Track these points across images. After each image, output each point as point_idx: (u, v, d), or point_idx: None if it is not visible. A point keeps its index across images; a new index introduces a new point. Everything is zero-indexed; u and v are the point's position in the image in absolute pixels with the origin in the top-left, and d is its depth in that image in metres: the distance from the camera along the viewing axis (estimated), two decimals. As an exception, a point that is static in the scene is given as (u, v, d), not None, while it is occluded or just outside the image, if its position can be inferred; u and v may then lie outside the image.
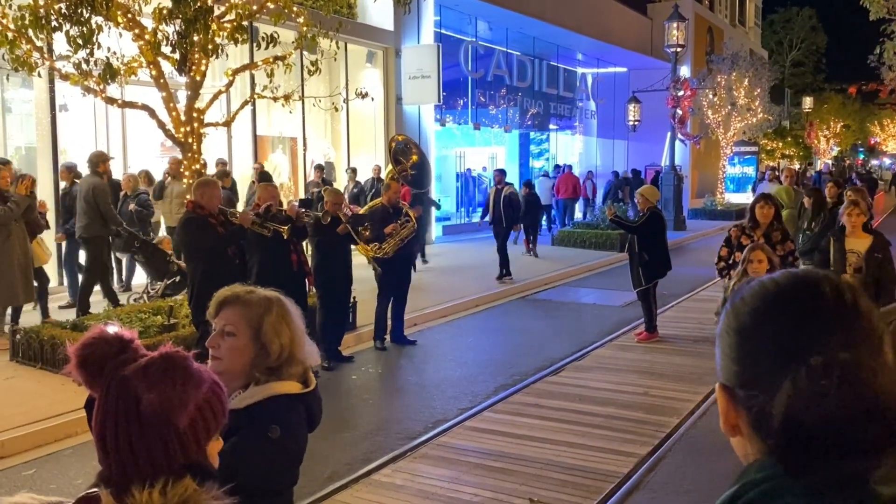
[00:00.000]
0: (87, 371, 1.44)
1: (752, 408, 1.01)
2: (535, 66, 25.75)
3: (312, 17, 8.94)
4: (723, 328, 1.07)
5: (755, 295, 1.05)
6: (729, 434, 1.06)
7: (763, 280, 1.06)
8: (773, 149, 44.11)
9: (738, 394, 1.03)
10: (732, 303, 1.08)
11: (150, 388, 1.38)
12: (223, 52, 8.22)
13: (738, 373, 1.03)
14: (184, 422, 1.41)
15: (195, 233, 6.65)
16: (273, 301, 2.23)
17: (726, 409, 1.05)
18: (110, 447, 1.41)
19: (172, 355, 1.43)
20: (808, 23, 62.29)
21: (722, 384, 1.06)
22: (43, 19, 7.26)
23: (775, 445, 0.97)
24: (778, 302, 1.02)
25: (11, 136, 12.32)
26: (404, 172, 10.52)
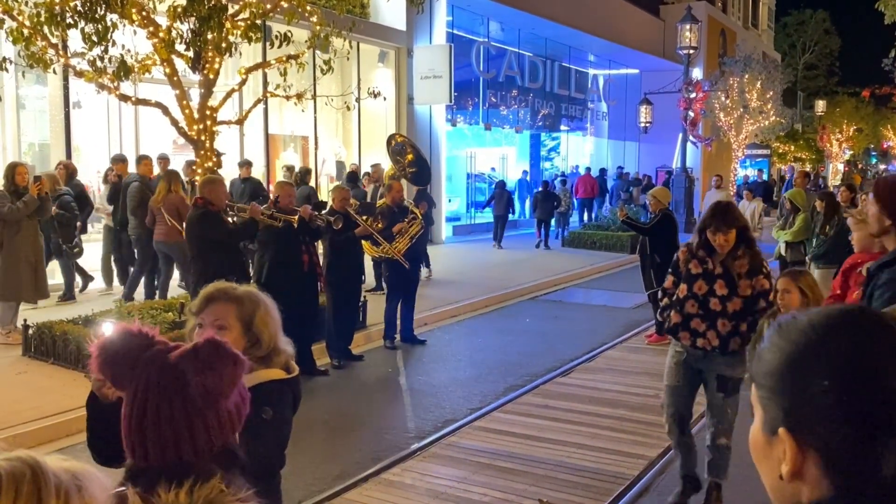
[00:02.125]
0: (118, 366, 1.47)
1: (829, 453, 0.95)
2: (547, 67, 25.71)
3: (326, 17, 8.95)
4: (776, 364, 1.00)
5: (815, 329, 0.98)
6: (789, 481, 0.98)
7: (817, 313, 1.00)
8: (785, 152, 43.93)
9: (808, 437, 0.96)
10: (783, 335, 1.01)
11: (203, 369, 1.43)
12: (237, 50, 8.24)
13: (809, 414, 0.96)
14: (230, 403, 1.44)
15: (209, 226, 6.72)
16: (259, 297, 2.41)
17: (794, 455, 0.97)
18: (150, 436, 1.44)
19: (218, 340, 1.48)
20: (822, 26, 61.95)
21: (787, 429, 0.98)
22: (58, 16, 7.29)
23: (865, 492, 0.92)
24: (847, 337, 0.96)
25: (25, 132, 12.39)
26: (403, 171, 10.55)
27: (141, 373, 1.45)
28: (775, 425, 1.00)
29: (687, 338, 4.61)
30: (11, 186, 8.31)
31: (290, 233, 7.28)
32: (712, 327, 4.53)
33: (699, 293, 4.59)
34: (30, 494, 1.05)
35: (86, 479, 1.13)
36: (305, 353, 7.74)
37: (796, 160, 45.80)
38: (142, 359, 1.46)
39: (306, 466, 5.42)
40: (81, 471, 1.14)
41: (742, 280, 4.53)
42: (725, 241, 4.51)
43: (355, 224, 8.08)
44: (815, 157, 47.92)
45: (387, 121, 17.95)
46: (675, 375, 4.76)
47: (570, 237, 18.76)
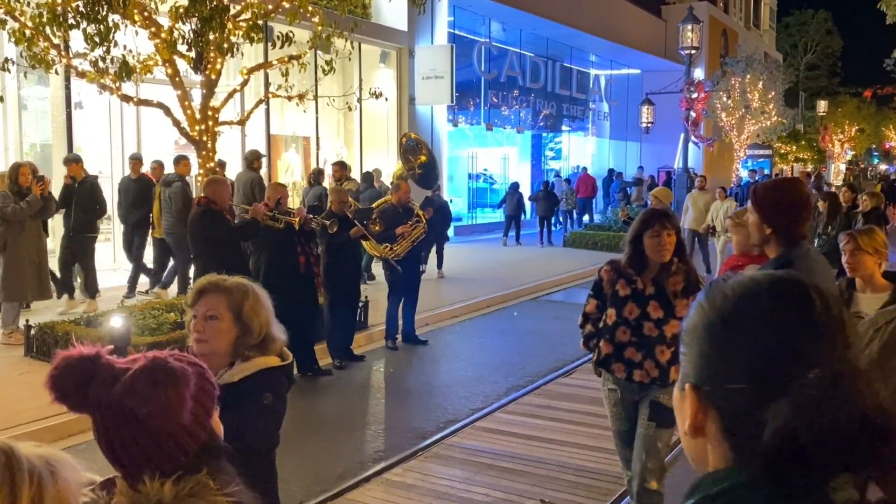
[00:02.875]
0: (71, 401, 1.47)
1: (728, 412, 0.97)
2: (549, 68, 25.71)
3: (327, 17, 8.95)
4: (696, 324, 1.02)
5: (739, 294, 1.00)
6: (692, 436, 1.02)
7: (743, 279, 1.02)
8: (787, 152, 43.91)
9: (711, 396, 0.99)
10: (709, 298, 1.02)
11: (144, 402, 1.41)
12: (238, 50, 8.25)
13: (714, 374, 0.98)
14: (187, 415, 1.44)
15: (210, 224, 6.75)
16: (249, 287, 2.54)
17: (695, 411, 1.00)
18: (122, 457, 1.45)
19: (153, 363, 1.45)
20: (824, 26, 61.93)
21: (692, 385, 1.01)
22: (60, 17, 7.30)
23: (757, 453, 0.93)
24: (767, 302, 0.98)
25: (27, 133, 12.40)
26: (412, 171, 10.52)
27: (92, 403, 1.45)
28: (685, 381, 1.03)
29: (622, 370, 4.03)
30: (14, 187, 8.32)
31: (286, 234, 7.28)
32: (649, 356, 3.96)
33: (630, 318, 3.99)
34: (3, 479, 1.06)
35: (59, 464, 1.14)
36: (307, 353, 7.74)
37: (798, 160, 45.78)
38: (90, 389, 1.45)
39: (309, 466, 5.42)
40: (55, 456, 1.15)
41: (679, 299, 3.93)
42: (668, 246, 3.91)
43: (353, 225, 8.08)
44: (816, 157, 47.87)
45: (388, 121, 17.95)
46: (619, 419, 4.16)
47: (572, 237, 18.78)
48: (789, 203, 3.21)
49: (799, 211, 3.23)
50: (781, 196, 3.24)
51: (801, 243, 3.24)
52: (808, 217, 3.33)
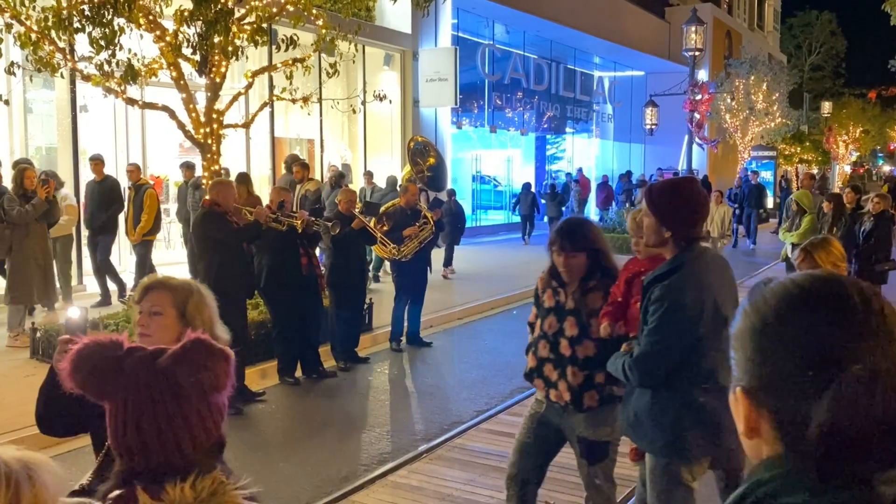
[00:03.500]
0: (101, 378, 1.46)
1: (778, 411, 1.01)
2: (552, 70, 25.72)
3: (331, 20, 8.97)
4: (742, 329, 1.06)
5: (779, 297, 1.03)
6: (747, 437, 1.06)
7: (783, 281, 1.06)
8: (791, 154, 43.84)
9: (762, 397, 1.03)
10: (752, 303, 1.06)
11: (198, 369, 1.44)
12: (243, 53, 8.27)
13: (762, 376, 1.02)
14: (223, 396, 1.47)
15: (211, 226, 6.78)
16: (193, 285, 2.62)
17: (748, 413, 1.05)
18: (150, 438, 1.44)
19: (204, 338, 1.50)
20: (828, 27, 61.85)
21: (743, 388, 1.05)
22: (66, 21, 7.33)
23: (806, 450, 0.97)
24: (806, 304, 1.01)
25: (33, 136, 12.44)
26: (421, 174, 10.52)
27: (128, 379, 1.45)
28: (736, 385, 1.07)
29: (541, 387, 3.83)
30: (20, 190, 8.36)
31: (288, 236, 7.29)
32: (563, 376, 3.71)
33: (549, 332, 3.77)
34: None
35: (38, 468, 1.15)
36: (311, 355, 7.75)
37: (802, 162, 45.70)
38: (125, 366, 1.46)
39: (313, 468, 5.43)
40: (33, 460, 1.16)
41: (594, 318, 3.65)
42: (566, 267, 3.67)
43: (365, 230, 8.09)
44: (821, 158, 47.79)
45: (392, 124, 17.98)
46: (526, 430, 3.95)
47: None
48: (685, 204, 3.15)
49: (695, 212, 3.18)
50: (677, 197, 3.17)
51: (696, 245, 3.20)
52: (703, 218, 3.28)
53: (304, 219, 7.41)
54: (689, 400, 3.18)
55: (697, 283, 3.13)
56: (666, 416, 3.21)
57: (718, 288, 3.19)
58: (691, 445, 3.22)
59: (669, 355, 3.14)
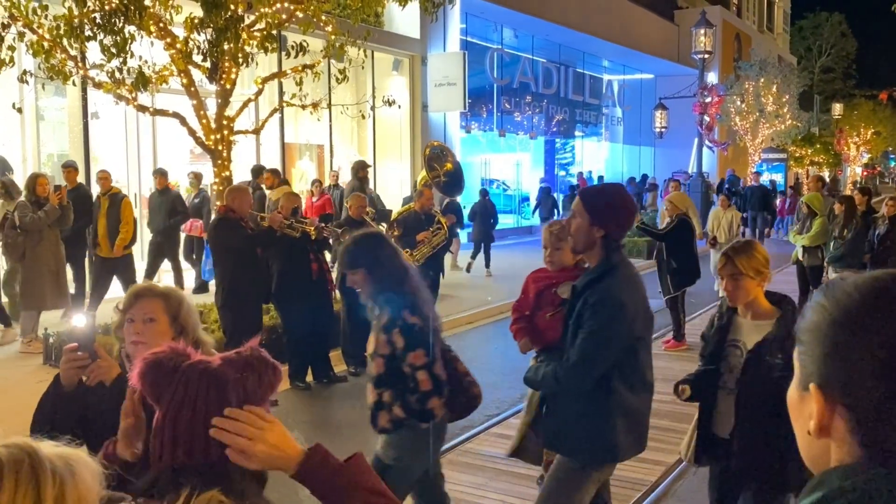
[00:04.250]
0: (159, 374, 1.50)
1: (858, 409, 0.97)
2: (561, 73, 25.72)
3: (340, 26, 9.01)
4: (818, 322, 1.02)
5: (864, 291, 1.00)
6: (817, 436, 1.01)
7: (865, 277, 1.03)
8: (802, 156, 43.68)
9: (839, 393, 0.99)
10: (829, 296, 1.03)
11: (245, 369, 1.48)
12: (253, 60, 8.32)
13: (840, 372, 0.98)
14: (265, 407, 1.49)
15: (226, 232, 6.81)
16: (180, 291, 2.72)
17: (822, 411, 1.00)
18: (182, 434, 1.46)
19: (259, 349, 1.54)
20: (838, 28, 61.62)
21: (818, 384, 1.01)
22: (77, 29, 7.39)
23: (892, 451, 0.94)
24: (893, 301, 0.98)
25: (45, 143, 12.54)
26: (437, 179, 10.52)
27: (179, 379, 1.49)
28: (808, 381, 1.02)
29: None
30: (32, 197, 8.43)
31: (298, 242, 7.32)
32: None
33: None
34: (28, 480, 1.09)
35: (79, 464, 1.16)
36: (321, 360, 7.77)
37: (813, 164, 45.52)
38: (181, 368, 1.50)
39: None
40: (74, 456, 1.17)
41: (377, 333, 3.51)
42: (351, 285, 3.66)
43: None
44: (832, 160, 47.58)
45: (401, 128, 18.02)
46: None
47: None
48: (619, 207, 3.22)
49: (628, 215, 3.26)
50: (612, 199, 3.24)
51: (621, 250, 3.27)
52: (632, 223, 3.37)
53: (315, 225, 7.44)
54: (623, 403, 3.22)
55: (632, 285, 3.21)
56: (600, 419, 3.22)
57: (644, 290, 3.33)
58: (620, 447, 3.28)
59: (608, 357, 3.16)
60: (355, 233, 3.86)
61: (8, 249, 8.53)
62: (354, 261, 3.56)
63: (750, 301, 3.38)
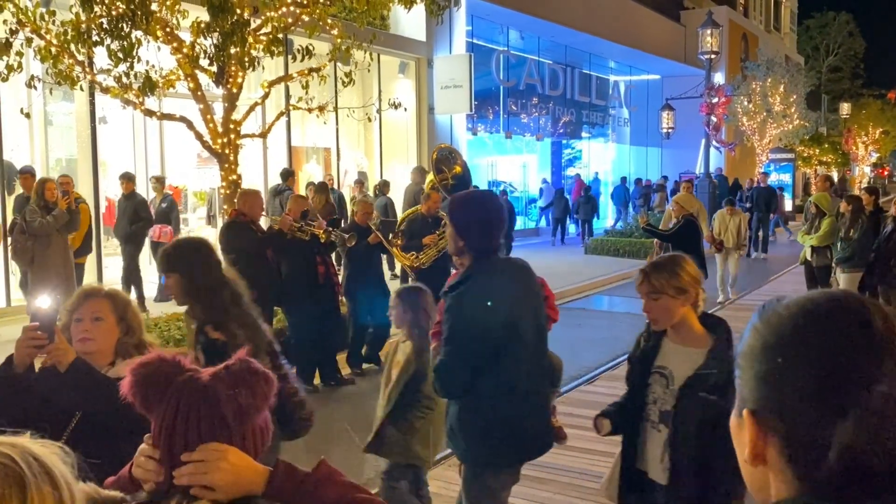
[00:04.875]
0: (150, 389, 1.49)
1: (790, 436, 0.94)
2: (567, 75, 25.71)
3: (346, 29, 9.04)
4: (752, 346, 0.99)
5: (795, 313, 0.97)
6: (752, 464, 0.98)
7: (799, 298, 1.00)
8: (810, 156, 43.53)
9: (772, 421, 0.96)
10: (763, 319, 1.00)
11: (236, 385, 1.45)
12: (259, 64, 8.34)
13: (773, 397, 0.96)
14: (261, 419, 1.47)
15: (235, 235, 6.87)
16: (125, 294, 2.86)
17: (755, 438, 0.97)
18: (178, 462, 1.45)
19: (248, 358, 1.52)
20: (846, 28, 61.39)
21: (751, 410, 0.98)
22: (85, 34, 7.43)
23: (822, 480, 0.91)
24: (827, 321, 0.95)
25: (53, 148, 12.60)
26: (445, 182, 10.52)
27: (171, 395, 1.47)
28: (742, 406, 1.00)
29: None
30: (41, 201, 8.47)
31: (305, 245, 7.34)
32: None
33: None
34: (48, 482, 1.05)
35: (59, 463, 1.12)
36: (328, 363, 7.78)
37: (821, 164, 45.37)
38: (174, 382, 1.48)
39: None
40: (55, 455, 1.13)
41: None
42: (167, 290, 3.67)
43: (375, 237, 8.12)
44: (840, 160, 47.41)
45: (408, 131, 18.04)
46: None
47: (593, 244, 18.75)
48: (479, 216, 3.27)
49: (489, 224, 3.28)
50: (472, 209, 3.30)
51: (491, 255, 3.29)
52: (499, 230, 3.35)
53: (325, 228, 7.46)
54: (494, 408, 3.24)
55: (489, 292, 3.18)
56: (475, 425, 3.27)
57: (516, 297, 3.28)
58: (498, 454, 3.31)
59: (465, 363, 3.18)
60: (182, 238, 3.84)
61: (17, 254, 8.58)
62: (170, 265, 3.47)
63: (678, 324, 3.05)
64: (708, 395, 2.84)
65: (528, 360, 3.34)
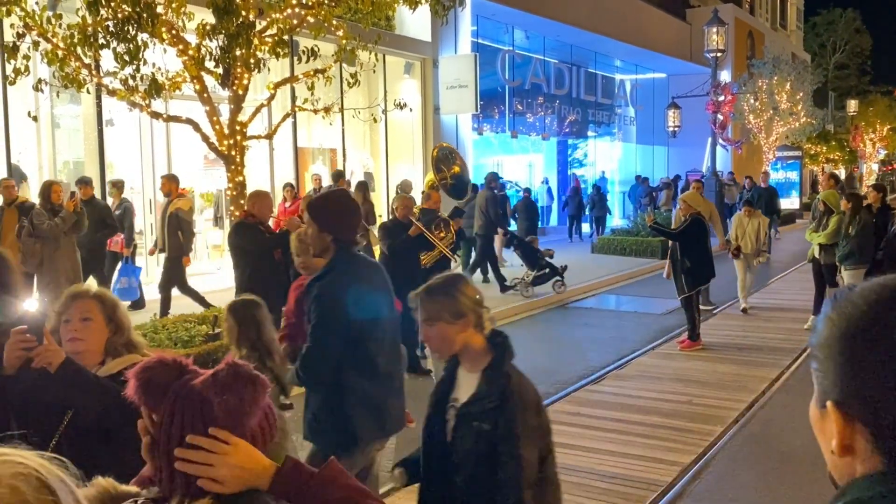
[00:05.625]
0: (150, 393, 1.50)
1: (880, 425, 0.93)
2: (573, 74, 25.68)
3: (352, 30, 9.04)
4: (829, 337, 0.98)
5: (871, 301, 0.96)
6: (840, 455, 0.97)
7: (872, 285, 0.98)
8: (817, 153, 43.38)
9: (858, 409, 0.94)
10: (838, 309, 0.99)
11: (222, 391, 1.45)
12: (265, 65, 8.35)
13: (858, 387, 0.94)
14: (254, 423, 1.47)
15: (243, 236, 6.92)
16: (112, 295, 2.88)
17: (842, 429, 0.96)
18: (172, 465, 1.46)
19: (238, 363, 1.51)
20: (852, 24, 61.15)
21: (835, 402, 0.97)
22: (91, 37, 7.45)
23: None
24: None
25: (60, 151, 12.65)
26: (444, 181, 10.52)
27: (168, 400, 1.49)
28: (825, 398, 0.99)
29: None
30: (48, 204, 8.51)
31: None
32: None
33: None
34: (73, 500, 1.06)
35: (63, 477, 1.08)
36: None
37: (828, 161, 45.22)
38: (172, 387, 1.50)
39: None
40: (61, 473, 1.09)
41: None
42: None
43: (422, 237, 8.02)
44: (847, 157, 47.23)
45: (413, 131, 18.05)
46: None
47: (599, 243, 18.74)
48: (341, 211, 3.57)
49: (351, 217, 3.59)
50: (334, 205, 3.59)
51: (350, 248, 3.57)
52: (357, 223, 3.67)
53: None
54: (358, 391, 3.49)
55: (351, 280, 3.46)
56: (340, 409, 3.49)
57: (375, 286, 3.63)
58: (362, 433, 3.55)
59: (331, 349, 3.43)
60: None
61: (26, 257, 8.61)
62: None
63: (463, 350, 2.71)
64: (481, 423, 2.58)
65: (387, 345, 3.64)
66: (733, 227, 11.38)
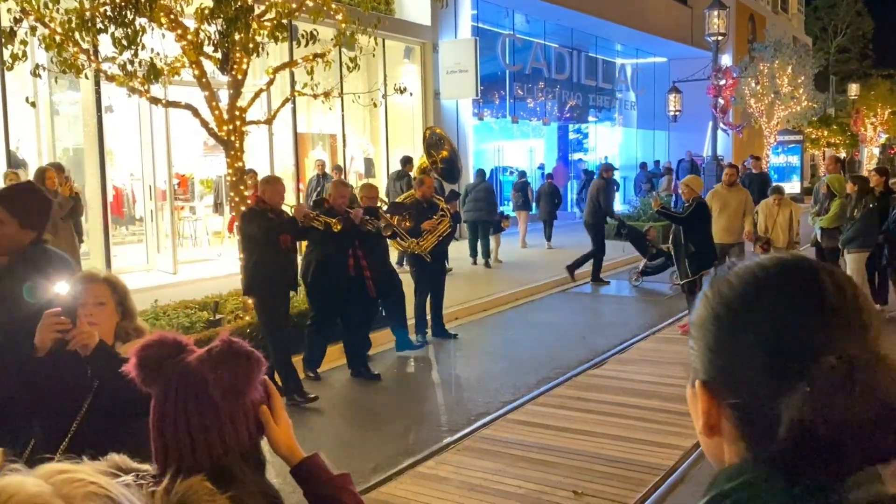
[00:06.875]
0: (146, 370, 1.53)
1: (742, 408, 0.91)
2: (574, 58, 25.57)
3: (351, 14, 8.98)
4: (703, 317, 0.96)
5: (745, 281, 0.94)
6: (707, 436, 0.97)
7: (749, 265, 0.96)
8: (818, 137, 43.22)
9: (724, 392, 0.93)
10: (713, 288, 0.97)
11: (216, 367, 1.47)
12: (264, 50, 8.30)
13: (724, 369, 0.93)
14: (254, 395, 1.48)
15: (247, 222, 6.93)
16: (122, 280, 2.92)
17: (707, 409, 0.95)
18: (170, 439, 1.48)
19: (231, 339, 1.54)
20: (854, 7, 60.78)
21: (703, 381, 0.96)
22: (89, 22, 7.40)
23: (773, 452, 0.87)
24: (776, 288, 0.91)
25: (59, 137, 12.61)
26: (434, 165, 10.52)
27: (163, 376, 1.51)
28: (695, 378, 0.98)
29: None
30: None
31: (336, 236, 7.34)
32: None
33: None
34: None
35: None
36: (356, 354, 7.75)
37: (829, 145, 45.10)
38: (167, 364, 1.52)
39: (341, 460, 5.46)
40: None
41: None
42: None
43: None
44: (849, 141, 47.09)
45: (413, 116, 17.99)
46: None
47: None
48: (39, 204, 3.45)
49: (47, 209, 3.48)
50: (32, 199, 3.45)
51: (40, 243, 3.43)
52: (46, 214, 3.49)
53: (358, 218, 7.41)
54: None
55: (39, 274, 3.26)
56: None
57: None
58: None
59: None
60: None
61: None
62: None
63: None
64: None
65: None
66: (762, 218, 10.04)
